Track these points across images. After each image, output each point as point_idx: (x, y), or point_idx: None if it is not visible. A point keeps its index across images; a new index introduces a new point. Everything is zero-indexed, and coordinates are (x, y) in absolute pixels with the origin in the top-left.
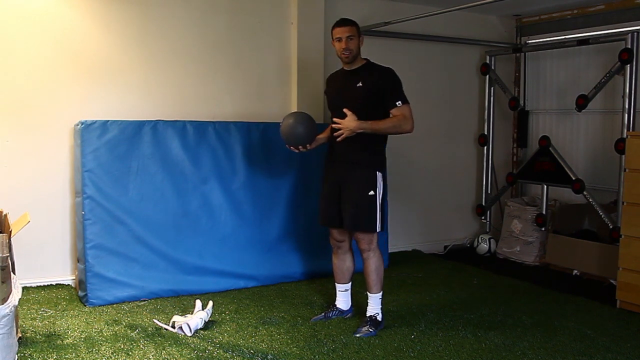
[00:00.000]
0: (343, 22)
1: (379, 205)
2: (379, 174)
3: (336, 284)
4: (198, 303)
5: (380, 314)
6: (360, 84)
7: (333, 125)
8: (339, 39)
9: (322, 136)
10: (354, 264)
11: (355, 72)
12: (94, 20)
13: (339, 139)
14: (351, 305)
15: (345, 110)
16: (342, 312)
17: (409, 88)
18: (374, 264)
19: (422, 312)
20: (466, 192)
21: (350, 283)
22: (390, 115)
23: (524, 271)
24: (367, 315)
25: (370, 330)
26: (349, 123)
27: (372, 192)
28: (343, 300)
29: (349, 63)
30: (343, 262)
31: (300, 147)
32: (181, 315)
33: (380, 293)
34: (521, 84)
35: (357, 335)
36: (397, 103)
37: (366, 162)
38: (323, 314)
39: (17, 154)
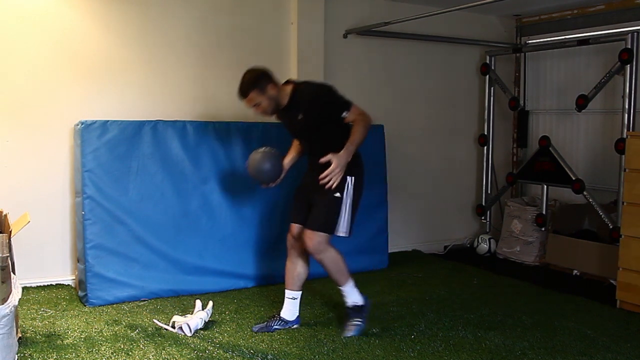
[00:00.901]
0: (240, 94)
1: (345, 209)
2: (349, 178)
3: (285, 290)
4: (198, 303)
5: (360, 299)
6: (301, 116)
7: (321, 177)
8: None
9: (288, 160)
10: (306, 272)
11: (290, 107)
12: (94, 20)
13: (329, 185)
14: (298, 316)
15: (323, 160)
16: (286, 322)
17: (409, 88)
18: (329, 261)
19: (422, 312)
20: (466, 192)
21: (300, 292)
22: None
23: (524, 271)
24: (348, 306)
25: (357, 321)
26: (338, 162)
27: (337, 194)
28: (289, 309)
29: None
30: (294, 266)
31: (270, 183)
32: (181, 315)
33: (351, 282)
34: (521, 84)
35: (349, 334)
36: (344, 114)
37: None
38: (265, 323)
39: (17, 154)
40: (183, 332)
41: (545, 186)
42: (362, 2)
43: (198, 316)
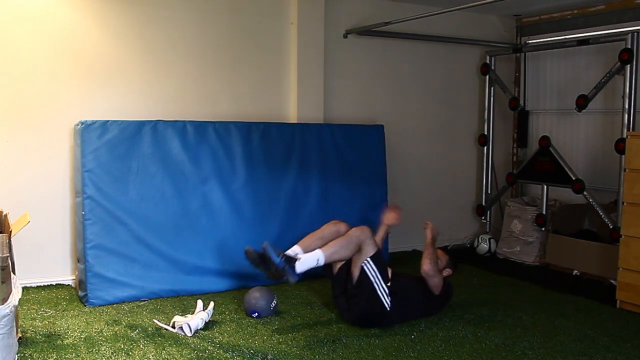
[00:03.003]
0: (445, 249)
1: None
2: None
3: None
4: (199, 303)
5: (300, 268)
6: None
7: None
8: None
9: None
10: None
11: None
12: (94, 21)
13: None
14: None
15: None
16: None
17: (409, 88)
18: (353, 237)
19: None
20: (466, 192)
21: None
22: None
23: (524, 271)
24: (290, 255)
25: (281, 259)
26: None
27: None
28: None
29: None
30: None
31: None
32: (182, 316)
33: (323, 257)
34: (521, 84)
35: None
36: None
37: None
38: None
39: (17, 154)
40: (183, 332)
41: (545, 186)
42: (362, 2)
43: (198, 316)
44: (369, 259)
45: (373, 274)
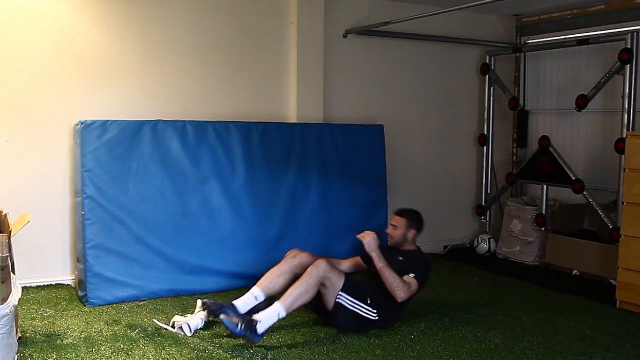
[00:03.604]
0: (400, 212)
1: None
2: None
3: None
4: (199, 303)
5: (264, 327)
6: (401, 259)
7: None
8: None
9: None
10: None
11: (402, 251)
12: (94, 21)
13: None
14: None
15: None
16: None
17: (409, 88)
18: (311, 284)
19: (422, 312)
20: (466, 192)
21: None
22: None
23: (524, 271)
24: (253, 317)
25: (240, 328)
26: (370, 239)
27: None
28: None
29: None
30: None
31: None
32: (182, 316)
33: (284, 314)
34: (521, 84)
35: (225, 320)
36: (411, 274)
37: None
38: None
39: (17, 154)
40: (183, 332)
41: (545, 186)
42: (362, 2)
43: (198, 316)
44: (341, 293)
45: (351, 303)
